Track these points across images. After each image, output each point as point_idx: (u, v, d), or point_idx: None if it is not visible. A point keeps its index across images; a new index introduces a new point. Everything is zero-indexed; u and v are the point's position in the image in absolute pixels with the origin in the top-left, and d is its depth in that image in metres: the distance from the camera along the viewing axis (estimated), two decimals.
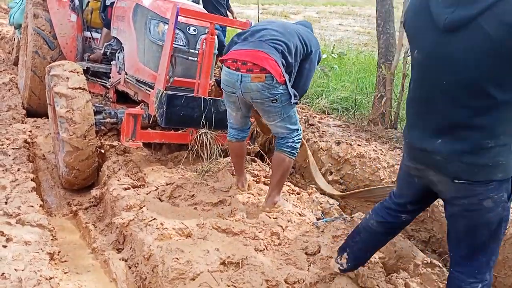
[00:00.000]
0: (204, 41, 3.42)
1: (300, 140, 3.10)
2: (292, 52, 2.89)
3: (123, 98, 4.70)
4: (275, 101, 2.85)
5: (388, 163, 3.49)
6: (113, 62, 4.65)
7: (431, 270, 2.41)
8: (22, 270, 2.34)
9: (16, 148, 3.94)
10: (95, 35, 5.20)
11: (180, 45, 3.62)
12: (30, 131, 4.53)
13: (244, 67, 2.80)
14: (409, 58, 4.73)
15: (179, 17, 3.29)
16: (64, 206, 3.63)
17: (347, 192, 3.54)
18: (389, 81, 4.77)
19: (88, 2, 5.06)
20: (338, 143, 3.87)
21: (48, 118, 5.23)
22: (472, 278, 1.79)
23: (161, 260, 2.39)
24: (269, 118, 3.00)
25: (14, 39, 7.69)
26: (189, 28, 3.68)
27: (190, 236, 2.67)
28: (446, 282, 2.32)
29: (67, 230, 3.33)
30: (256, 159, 3.96)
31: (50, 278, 2.37)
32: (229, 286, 2.21)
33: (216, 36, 3.55)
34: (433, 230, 3.07)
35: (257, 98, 2.86)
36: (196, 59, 3.56)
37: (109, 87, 4.75)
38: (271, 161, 4.13)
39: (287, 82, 2.85)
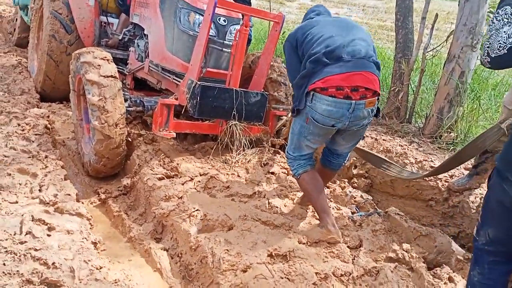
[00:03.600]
0: (238, 32, 3.41)
1: None
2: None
3: (140, 85, 4.67)
4: (368, 124, 2.69)
5: (416, 158, 3.56)
6: (131, 49, 4.60)
7: None
8: (72, 260, 2.34)
9: (39, 134, 3.91)
10: (110, 20, 5.13)
11: (211, 35, 3.60)
12: (48, 116, 4.48)
13: (356, 94, 2.49)
14: (429, 53, 4.80)
15: None
16: (91, 194, 3.62)
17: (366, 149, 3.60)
18: (407, 76, 4.84)
19: None
20: (362, 138, 3.92)
21: (62, 103, 5.21)
22: None
23: (211, 252, 2.42)
24: (350, 142, 2.83)
25: (16, 19, 7.50)
26: (219, 18, 3.66)
27: (232, 228, 2.70)
28: None
29: (96, 218, 3.32)
30: (280, 151, 3.99)
31: (101, 268, 2.39)
32: (282, 278, 2.26)
33: None
34: (462, 225, 3.17)
35: (361, 125, 2.64)
36: (228, 50, 3.55)
37: (126, 73, 4.70)
38: None
39: None
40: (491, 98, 5.48)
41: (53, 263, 2.28)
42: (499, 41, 1.75)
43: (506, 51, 1.73)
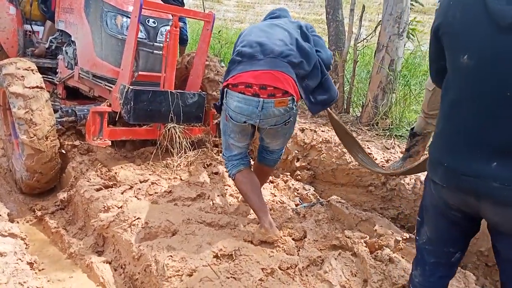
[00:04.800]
0: (169, 33, 3.34)
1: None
2: (304, 59, 2.58)
3: (73, 94, 4.48)
4: (288, 122, 2.65)
5: None
6: (60, 57, 4.41)
7: (410, 245, 2.60)
8: (6, 284, 2.22)
9: None
10: (35, 28, 4.87)
11: (140, 38, 3.51)
12: None
13: (264, 92, 2.48)
14: (360, 44, 4.95)
15: None
16: (26, 212, 3.44)
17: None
18: (341, 67, 4.96)
19: None
20: (302, 130, 3.98)
21: None
22: None
23: (154, 259, 2.37)
24: (274, 139, 2.80)
25: None
26: (149, 20, 3.58)
27: (176, 233, 2.65)
28: None
29: (33, 237, 3.16)
30: None
31: None
32: (228, 278, 2.24)
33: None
34: (400, 207, 3.29)
35: (276, 123, 2.60)
36: (160, 52, 3.48)
37: (57, 83, 4.50)
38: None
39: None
40: (422, 83, 5.74)
41: None
42: None
43: None
